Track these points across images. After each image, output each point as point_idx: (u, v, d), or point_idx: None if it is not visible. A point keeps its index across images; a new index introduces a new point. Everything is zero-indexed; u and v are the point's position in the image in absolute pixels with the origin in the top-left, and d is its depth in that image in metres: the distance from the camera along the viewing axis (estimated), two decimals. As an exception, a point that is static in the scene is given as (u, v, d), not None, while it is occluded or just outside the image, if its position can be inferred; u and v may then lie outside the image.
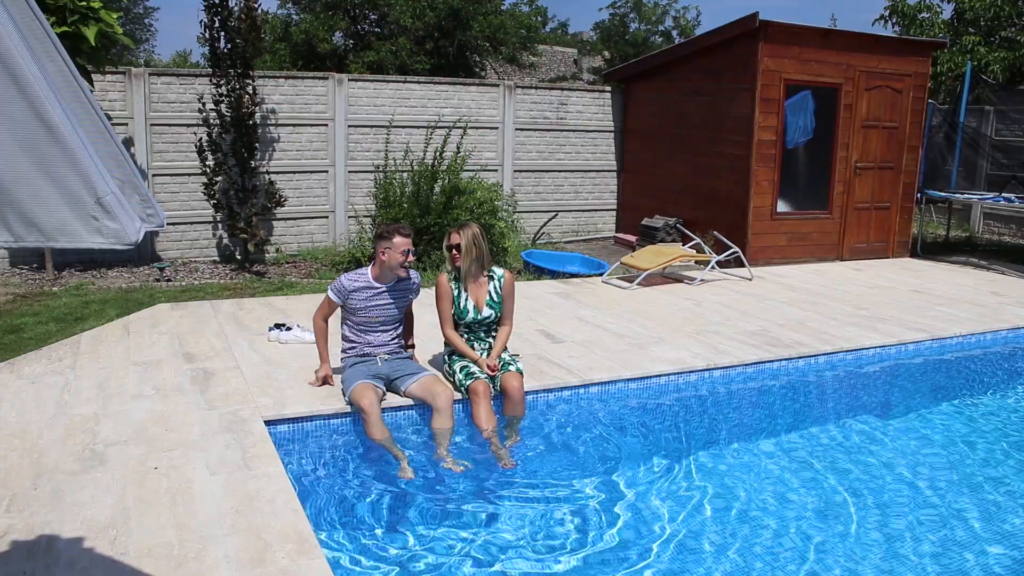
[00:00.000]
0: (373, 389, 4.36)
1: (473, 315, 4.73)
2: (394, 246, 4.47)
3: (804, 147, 9.67)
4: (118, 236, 1.96)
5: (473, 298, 4.73)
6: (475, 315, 4.73)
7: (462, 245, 4.64)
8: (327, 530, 3.57)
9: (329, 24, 17.00)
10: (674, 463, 4.41)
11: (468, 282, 4.73)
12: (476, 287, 4.75)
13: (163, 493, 3.46)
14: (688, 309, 7.11)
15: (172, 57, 28.46)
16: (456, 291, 4.73)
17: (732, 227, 9.24)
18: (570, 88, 11.43)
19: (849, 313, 7.09)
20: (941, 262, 10.08)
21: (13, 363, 5.16)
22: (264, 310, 6.64)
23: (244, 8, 8.37)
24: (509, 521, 3.74)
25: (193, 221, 9.16)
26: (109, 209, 1.94)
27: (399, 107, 10.01)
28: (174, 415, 4.32)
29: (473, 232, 4.68)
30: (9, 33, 1.80)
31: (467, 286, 4.73)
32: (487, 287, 4.77)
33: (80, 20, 7.19)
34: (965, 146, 12.09)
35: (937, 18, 15.54)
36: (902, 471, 4.39)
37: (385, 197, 8.92)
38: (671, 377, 5.36)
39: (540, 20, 22.15)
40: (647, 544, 3.57)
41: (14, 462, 3.72)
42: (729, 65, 9.48)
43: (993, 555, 3.57)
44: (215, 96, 8.46)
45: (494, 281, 4.78)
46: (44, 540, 3.08)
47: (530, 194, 10.97)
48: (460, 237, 4.66)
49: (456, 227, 4.75)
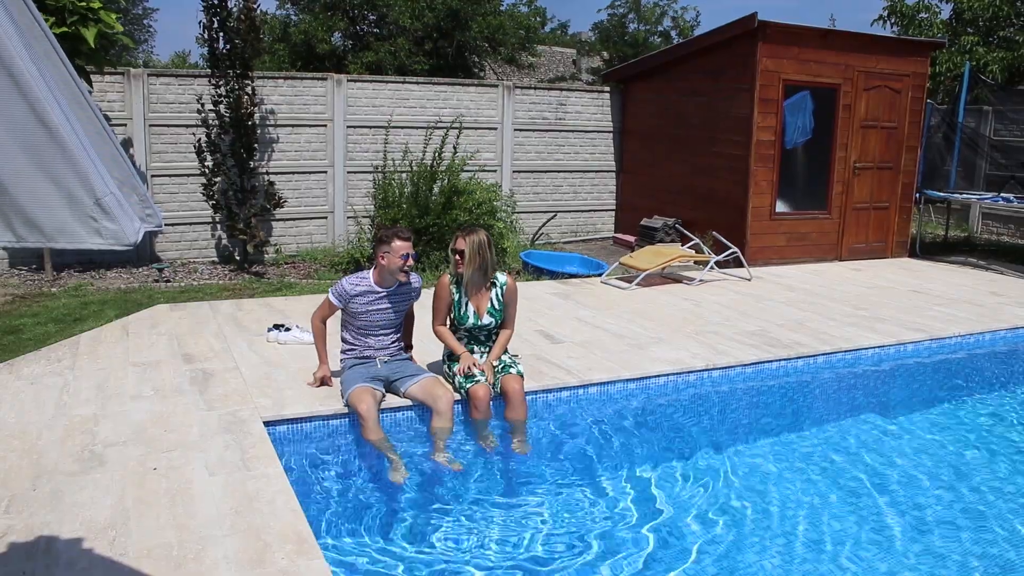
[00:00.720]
0: (371, 392, 4.36)
1: (473, 321, 4.71)
2: (393, 250, 4.44)
3: (803, 147, 9.68)
4: (117, 237, 1.96)
5: (474, 304, 4.70)
6: (475, 321, 4.71)
7: (466, 252, 4.56)
8: (327, 530, 3.56)
9: (328, 25, 17.01)
10: (674, 463, 4.41)
11: (470, 289, 4.69)
12: (478, 294, 4.71)
13: (162, 494, 3.46)
14: (687, 309, 7.12)
15: (171, 58, 28.45)
16: (456, 296, 4.70)
17: (731, 227, 9.24)
18: (569, 88, 11.44)
19: (848, 313, 7.10)
20: (940, 262, 10.09)
21: (12, 364, 5.16)
22: (263, 311, 6.64)
23: (243, 9, 8.37)
24: (508, 521, 3.74)
25: (192, 222, 9.16)
26: (108, 210, 1.94)
27: (398, 108, 10.02)
28: (173, 416, 4.32)
29: (479, 239, 4.56)
30: (8, 34, 1.80)
31: (469, 292, 4.70)
32: (489, 294, 4.71)
33: (80, 21, 7.19)
34: (964, 146, 12.10)
35: (936, 18, 15.56)
36: (901, 471, 4.39)
37: (384, 198, 8.92)
38: (670, 377, 5.36)
39: (539, 21, 22.15)
40: (647, 543, 3.57)
41: (13, 463, 3.72)
42: (728, 65, 9.49)
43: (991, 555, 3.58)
44: (214, 97, 8.46)
45: (496, 288, 4.72)
46: (43, 541, 3.08)
47: (529, 194, 10.97)
48: (465, 244, 4.57)
49: (464, 231, 4.62)
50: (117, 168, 2.14)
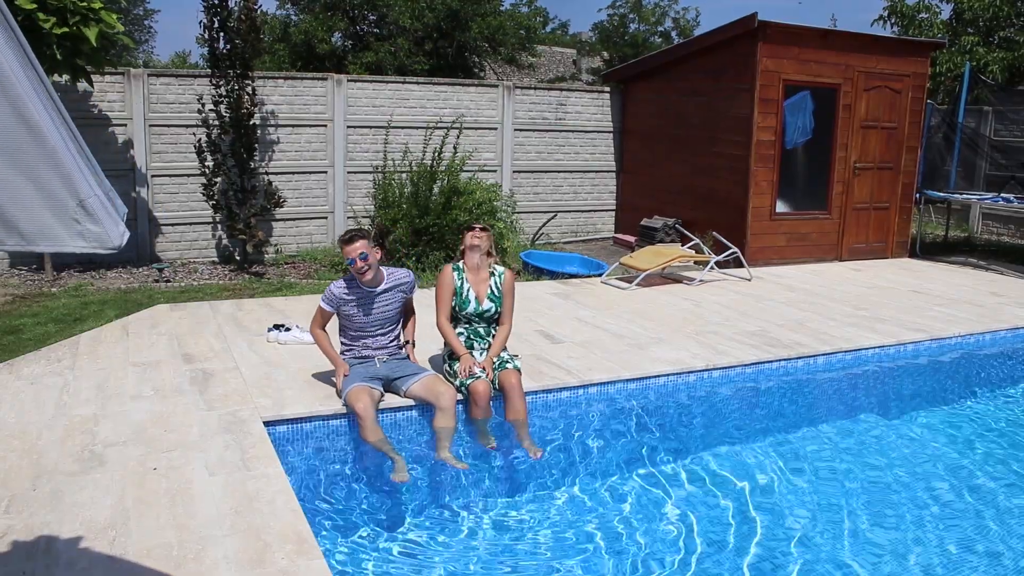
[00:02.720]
0: (368, 392, 4.35)
1: (475, 306, 4.75)
2: (345, 256, 4.47)
3: (803, 147, 9.67)
4: (100, 240, 1.90)
5: (475, 290, 4.78)
6: (476, 306, 4.76)
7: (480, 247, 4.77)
8: (326, 531, 3.56)
9: (328, 25, 17.00)
10: (674, 463, 4.41)
11: (470, 275, 4.79)
12: (478, 280, 4.79)
13: (162, 494, 3.46)
14: (687, 310, 7.12)
15: (171, 58, 28.44)
16: (459, 282, 4.78)
17: (731, 227, 9.24)
18: (569, 89, 11.44)
19: (848, 313, 7.10)
20: (940, 262, 10.09)
21: (12, 364, 5.16)
22: (263, 311, 6.64)
23: (244, 9, 8.37)
24: (510, 521, 3.74)
25: (192, 222, 9.16)
26: (91, 212, 1.88)
27: (398, 108, 10.01)
28: (173, 416, 4.32)
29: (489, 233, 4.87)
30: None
31: (470, 277, 4.78)
32: (488, 281, 4.82)
33: (81, 21, 7.18)
34: (964, 146, 12.10)
35: (936, 18, 15.56)
36: (901, 471, 4.39)
37: (384, 198, 8.92)
38: (670, 377, 5.36)
39: (540, 21, 22.14)
40: (646, 544, 3.57)
41: (13, 463, 3.72)
42: (728, 65, 9.49)
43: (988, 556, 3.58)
44: (214, 97, 8.46)
45: (495, 277, 4.84)
46: (43, 541, 3.08)
47: (529, 195, 10.97)
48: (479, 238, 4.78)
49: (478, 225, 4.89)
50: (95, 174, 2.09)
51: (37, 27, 6.98)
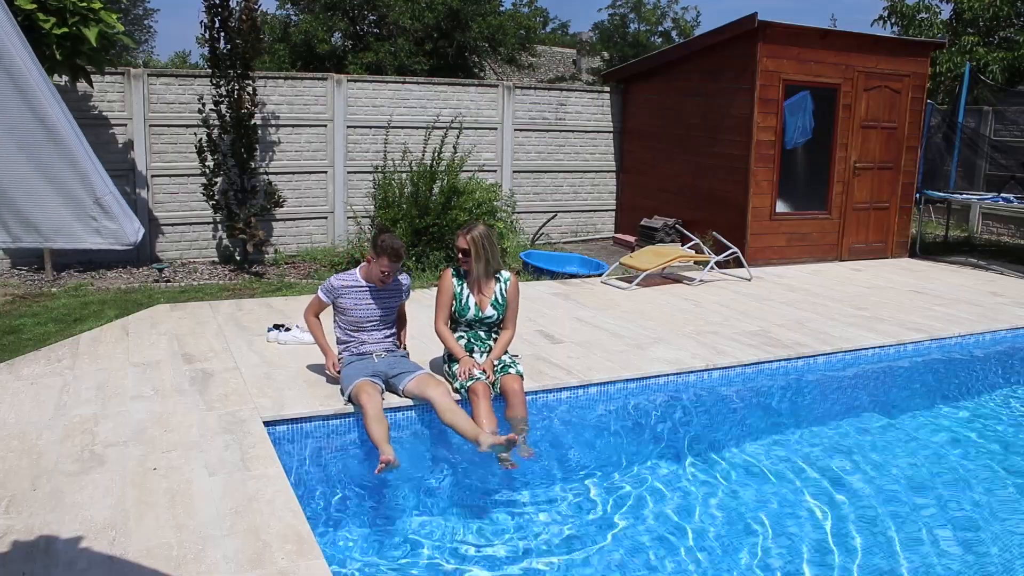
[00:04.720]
0: (372, 385, 4.37)
1: (474, 312, 4.73)
2: (379, 264, 4.51)
3: (803, 147, 9.67)
4: (116, 236, 1.95)
5: (477, 297, 4.74)
6: (476, 313, 4.73)
7: (471, 250, 4.64)
8: (326, 531, 3.56)
9: (328, 25, 17.01)
10: (673, 463, 4.41)
11: (477, 283, 4.74)
12: (482, 286, 4.77)
13: (162, 494, 3.46)
14: (687, 310, 7.12)
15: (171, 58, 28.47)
16: (459, 288, 4.75)
17: (731, 227, 9.24)
18: (569, 89, 11.44)
19: (848, 313, 7.09)
20: (940, 262, 10.09)
21: (12, 364, 5.16)
22: (263, 311, 6.64)
23: (244, 9, 8.37)
24: (510, 521, 3.74)
25: (192, 222, 9.16)
26: (107, 209, 1.92)
27: (398, 108, 10.02)
28: (173, 416, 4.32)
29: (480, 233, 4.65)
30: (7, 33, 1.79)
31: (474, 286, 4.75)
32: (493, 288, 4.78)
33: (81, 21, 7.19)
34: (964, 146, 12.10)
35: (936, 18, 15.57)
36: (900, 472, 4.39)
37: (384, 198, 8.92)
38: (670, 377, 5.36)
39: (540, 21, 22.16)
40: (647, 543, 3.57)
41: (13, 463, 3.72)
42: (728, 65, 9.49)
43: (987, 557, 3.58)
44: (215, 97, 8.47)
45: (500, 283, 4.80)
46: (43, 541, 3.08)
47: (529, 195, 10.97)
48: (467, 241, 4.64)
49: (464, 230, 4.70)
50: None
51: (37, 27, 6.98)
